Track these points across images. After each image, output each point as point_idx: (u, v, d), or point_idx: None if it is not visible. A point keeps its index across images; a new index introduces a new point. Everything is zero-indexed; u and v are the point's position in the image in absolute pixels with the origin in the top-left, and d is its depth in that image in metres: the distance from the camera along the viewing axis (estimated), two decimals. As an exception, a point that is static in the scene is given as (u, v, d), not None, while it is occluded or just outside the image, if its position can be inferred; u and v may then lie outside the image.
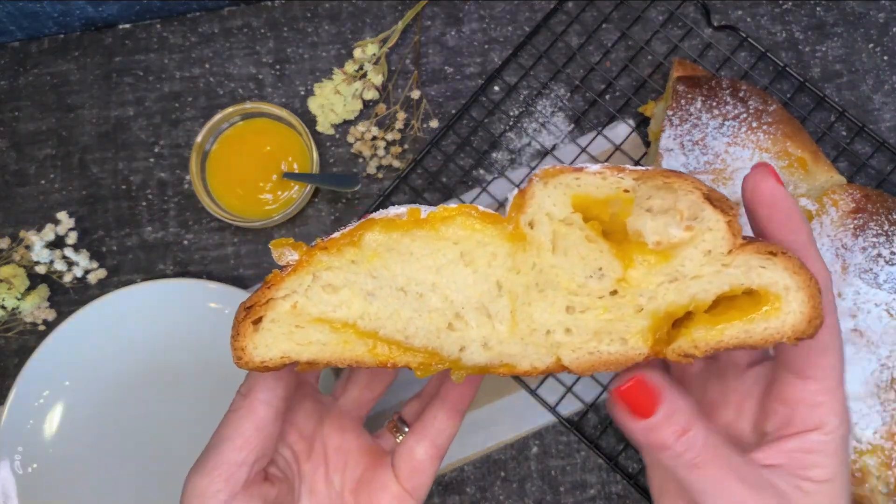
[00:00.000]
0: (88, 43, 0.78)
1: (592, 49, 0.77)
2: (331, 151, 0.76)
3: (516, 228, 0.35)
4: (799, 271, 0.32)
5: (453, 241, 0.36)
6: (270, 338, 0.38)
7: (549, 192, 0.34)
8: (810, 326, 0.32)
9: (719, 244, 0.33)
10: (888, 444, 0.58)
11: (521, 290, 0.36)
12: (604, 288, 0.34)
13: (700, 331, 0.34)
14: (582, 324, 0.35)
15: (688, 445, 0.35)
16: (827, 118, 0.75)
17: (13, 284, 0.69)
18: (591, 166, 0.34)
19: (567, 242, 0.35)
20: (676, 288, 0.34)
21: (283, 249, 0.38)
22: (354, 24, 0.78)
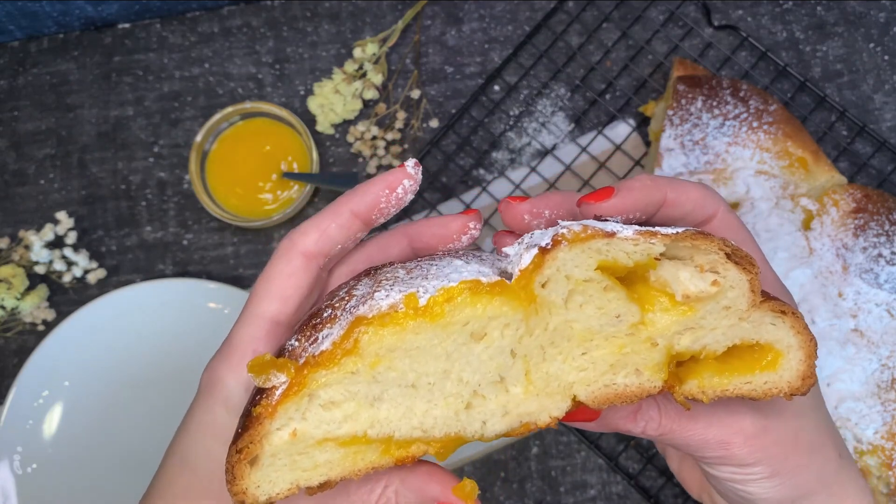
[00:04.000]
0: (88, 42, 0.78)
1: (593, 49, 0.77)
2: (330, 151, 0.76)
3: (528, 291, 0.32)
4: (802, 331, 0.34)
5: (462, 324, 0.32)
6: (273, 473, 0.33)
7: (573, 255, 0.32)
8: (804, 385, 0.34)
9: (739, 301, 0.33)
10: (888, 445, 0.58)
11: (535, 349, 0.34)
12: (620, 331, 0.34)
13: (709, 378, 0.34)
14: (598, 359, 0.34)
15: (646, 420, 0.37)
16: (828, 118, 0.74)
17: (12, 284, 0.69)
18: (623, 229, 0.32)
19: (584, 297, 0.33)
20: (692, 335, 0.34)
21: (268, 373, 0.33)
22: (354, 24, 0.78)
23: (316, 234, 0.38)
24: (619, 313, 0.33)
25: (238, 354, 0.37)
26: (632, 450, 0.69)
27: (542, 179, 0.74)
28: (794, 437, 0.38)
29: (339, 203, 0.38)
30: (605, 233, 0.32)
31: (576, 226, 0.32)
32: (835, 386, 0.60)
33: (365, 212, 0.38)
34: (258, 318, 0.37)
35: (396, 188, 0.38)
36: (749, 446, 0.37)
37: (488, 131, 0.76)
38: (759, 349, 0.34)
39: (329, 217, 0.38)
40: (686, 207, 0.38)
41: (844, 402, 0.59)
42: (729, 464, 0.37)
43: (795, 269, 0.62)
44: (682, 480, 0.45)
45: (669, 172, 0.64)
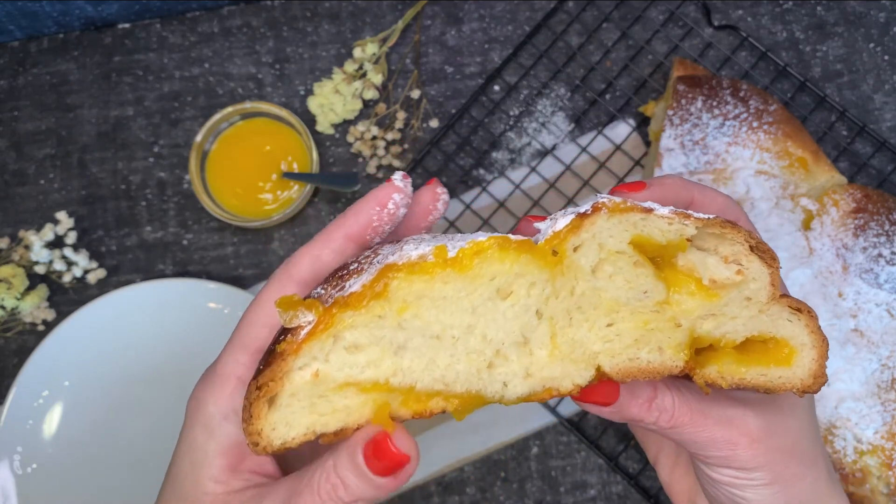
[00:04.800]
0: (88, 42, 0.78)
1: (593, 49, 0.77)
2: (330, 151, 0.76)
3: (560, 252, 0.33)
4: (816, 331, 0.35)
5: (489, 278, 0.33)
6: (290, 414, 0.33)
7: (610, 225, 0.33)
8: (816, 383, 0.35)
9: (761, 293, 0.35)
10: (889, 445, 0.58)
11: (561, 313, 0.34)
12: (646, 307, 0.35)
13: (729, 365, 0.35)
14: (623, 332, 0.35)
15: (660, 411, 0.37)
16: (828, 118, 0.74)
17: (12, 284, 0.69)
18: (660, 208, 0.33)
19: (614, 268, 0.34)
20: (714, 321, 0.35)
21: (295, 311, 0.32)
22: (354, 24, 0.78)
23: (309, 262, 0.38)
24: (647, 289, 0.34)
25: (221, 381, 0.37)
26: (632, 450, 0.69)
27: (542, 179, 0.74)
28: (794, 445, 0.38)
29: (332, 228, 0.39)
30: (643, 208, 0.33)
31: (616, 197, 0.33)
32: (835, 386, 0.60)
33: (358, 233, 0.38)
34: (246, 346, 0.37)
35: (387, 204, 0.38)
36: (753, 449, 0.37)
37: (488, 131, 0.76)
38: (774, 344, 0.35)
39: (322, 243, 0.38)
40: (711, 210, 0.39)
41: (844, 402, 0.59)
42: (731, 466, 0.38)
43: (795, 269, 0.62)
44: (672, 490, 0.45)
45: (669, 172, 0.64)
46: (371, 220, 0.38)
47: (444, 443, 0.69)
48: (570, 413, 0.70)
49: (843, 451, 0.58)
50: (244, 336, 0.37)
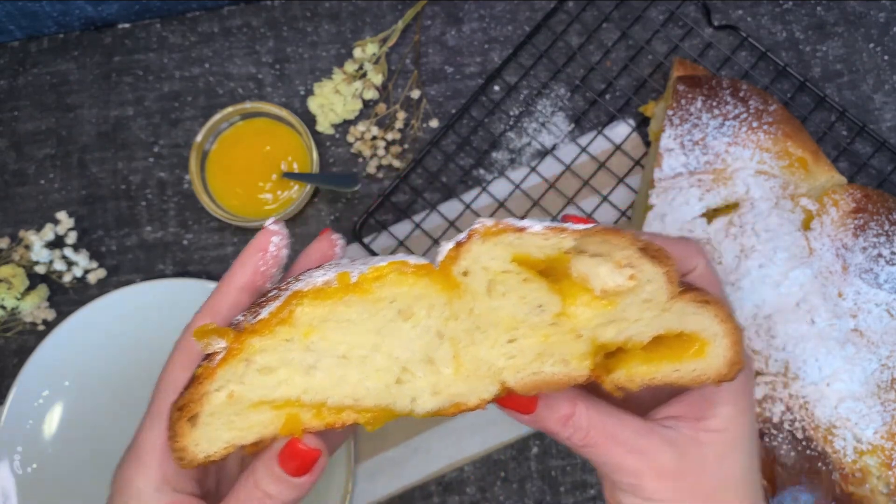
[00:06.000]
0: (88, 42, 0.78)
1: (593, 49, 0.77)
2: (331, 151, 0.76)
3: (449, 278, 0.35)
4: (727, 319, 0.35)
5: (390, 301, 0.35)
6: (211, 431, 0.36)
7: (487, 248, 0.34)
8: (731, 370, 0.36)
9: (659, 294, 0.35)
10: (888, 444, 0.58)
11: (462, 334, 0.36)
12: (544, 321, 0.35)
13: (637, 366, 0.36)
14: (525, 348, 0.35)
15: (574, 428, 0.38)
16: (827, 118, 0.74)
17: (13, 284, 0.69)
18: (534, 225, 0.34)
19: (505, 287, 0.35)
20: (616, 327, 0.35)
21: (209, 338, 0.36)
22: (354, 24, 0.78)
23: (210, 320, 0.40)
24: (541, 303, 0.35)
25: (145, 455, 0.39)
26: (632, 450, 0.69)
27: (541, 179, 0.74)
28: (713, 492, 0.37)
29: (223, 283, 0.41)
30: (516, 227, 0.33)
31: (489, 221, 0.34)
32: (834, 386, 0.60)
33: (249, 283, 0.40)
34: (163, 413, 0.38)
35: (268, 248, 0.41)
36: (659, 483, 0.37)
37: (488, 131, 0.76)
38: (688, 338, 0.36)
39: (218, 299, 0.41)
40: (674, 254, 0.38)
41: (844, 402, 0.59)
42: (637, 496, 0.38)
43: (795, 268, 0.62)
44: None
45: (669, 172, 0.64)
46: (257, 268, 0.40)
47: (444, 443, 0.69)
48: (569, 413, 0.70)
49: (842, 450, 0.58)
50: (160, 406, 0.39)
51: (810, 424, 0.59)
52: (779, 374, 0.60)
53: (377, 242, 0.73)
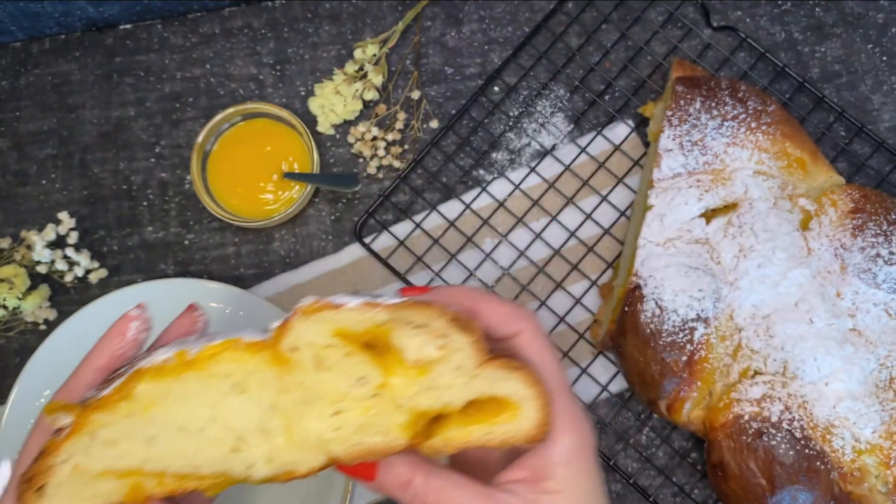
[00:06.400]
0: (89, 43, 0.79)
1: (592, 50, 0.77)
2: (331, 152, 0.76)
3: (279, 354, 0.37)
4: (535, 384, 0.38)
5: (224, 376, 0.37)
6: (58, 500, 0.38)
7: (308, 325, 0.37)
8: (540, 431, 0.38)
9: (467, 361, 0.37)
10: (887, 444, 0.59)
11: (292, 406, 0.38)
12: (366, 393, 0.37)
13: (452, 431, 0.38)
14: (348, 421, 0.38)
15: (414, 494, 0.39)
16: (826, 118, 0.75)
17: (14, 284, 0.69)
18: (351, 301, 0.37)
19: (329, 361, 0.37)
20: (432, 395, 0.38)
21: (57, 414, 0.38)
22: (355, 25, 0.78)
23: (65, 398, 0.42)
24: (363, 376, 0.37)
25: None
26: (630, 449, 0.69)
27: (541, 179, 0.74)
28: None
29: (82, 363, 0.43)
30: (334, 304, 0.36)
31: (311, 299, 0.37)
32: (833, 385, 0.60)
33: (105, 365, 0.43)
34: None
35: (127, 334, 0.44)
36: None
37: (488, 132, 0.76)
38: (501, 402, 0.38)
39: (75, 379, 0.43)
40: (493, 321, 0.41)
41: (843, 402, 0.59)
42: None
43: (794, 269, 0.62)
44: None
45: (668, 173, 0.65)
46: (115, 352, 0.43)
47: (444, 442, 0.69)
48: (569, 412, 0.70)
49: (841, 450, 0.58)
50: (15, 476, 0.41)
51: (809, 424, 0.59)
52: (777, 374, 0.60)
53: (377, 242, 0.73)
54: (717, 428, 0.60)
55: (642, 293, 0.62)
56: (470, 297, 0.41)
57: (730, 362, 0.62)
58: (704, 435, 0.63)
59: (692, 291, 0.61)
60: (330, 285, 0.73)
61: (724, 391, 0.61)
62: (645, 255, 0.63)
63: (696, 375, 0.61)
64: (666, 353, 0.60)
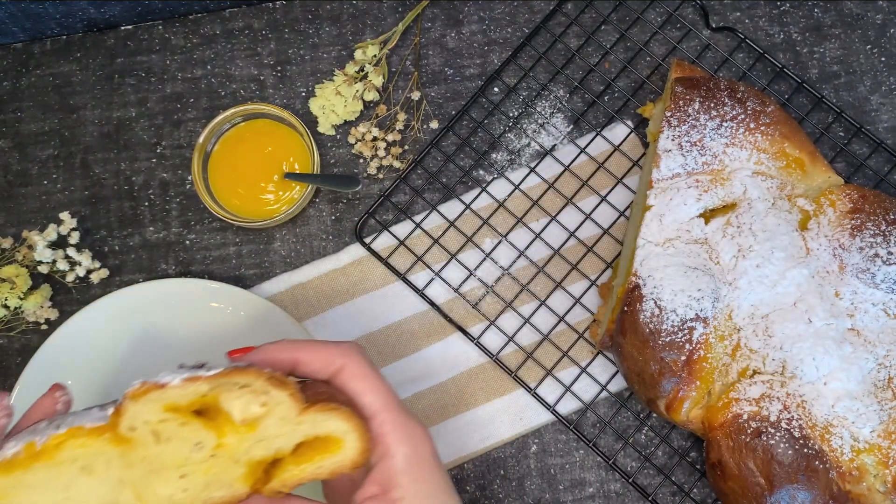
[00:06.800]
0: (91, 44, 0.79)
1: (591, 50, 0.78)
2: (332, 152, 0.76)
3: (119, 435, 0.41)
4: (351, 419, 0.43)
5: (72, 461, 0.40)
6: None
7: (139, 407, 0.41)
8: (362, 458, 0.43)
9: (289, 412, 0.42)
10: (885, 443, 0.59)
11: (140, 477, 0.41)
12: (204, 456, 0.42)
13: (288, 471, 0.43)
14: (194, 481, 0.42)
15: None
16: (825, 119, 0.75)
17: (16, 284, 0.70)
18: (174, 379, 0.41)
19: (167, 433, 0.41)
20: (263, 445, 0.43)
21: None
22: (355, 26, 0.79)
23: None
24: (199, 441, 0.41)
25: None
26: (630, 448, 0.69)
27: (541, 180, 0.75)
28: None
29: None
30: (159, 385, 0.40)
31: (137, 384, 0.41)
32: (832, 385, 0.60)
33: None
34: None
35: None
36: None
37: (488, 132, 0.76)
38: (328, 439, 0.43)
39: None
40: (315, 366, 0.46)
41: (841, 401, 0.59)
42: None
43: (792, 268, 0.62)
44: None
45: (667, 173, 0.65)
46: None
47: (443, 441, 0.70)
48: (568, 411, 0.70)
49: (840, 449, 0.59)
50: None
51: (808, 423, 0.59)
52: (776, 373, 0.61)
53: (378, 242, 0.74)
54: (716, 427, 0.61)
55: (641, 293, 0.62)
56: (288, 350, 0.46)
57: (728, 362, 0.62)
58: (703, 434, 0.63)
59: (691, 291, 0.61)
60: (330, 285, 0.73)
61: (723, 390, 0.61)
62: (644, 255, 0.63)
63: (695, 375, 0.61)
64: (665, 352, 0.61)
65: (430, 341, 0.72)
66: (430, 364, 0.72)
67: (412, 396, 0.71)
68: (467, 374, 0.71)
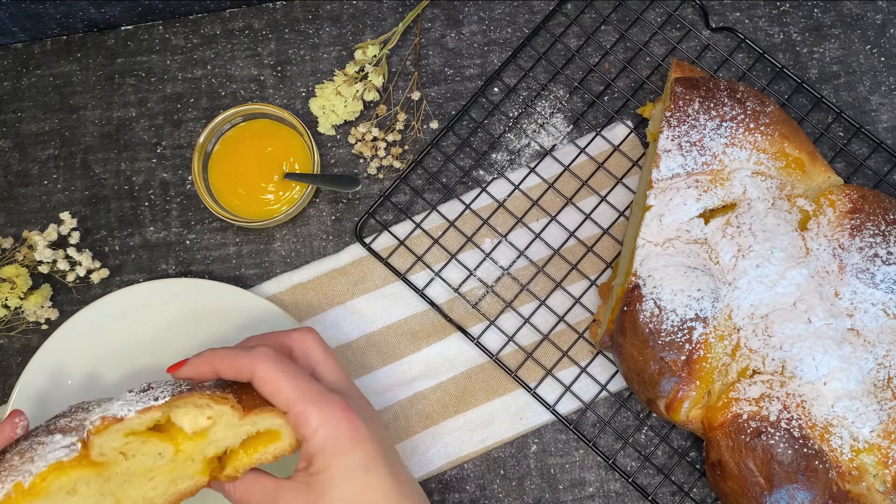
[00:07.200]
0: (91, 44, 0.79)
1: (591, 51, 0.78)
2: (332, 152, 0.76)
3: (92, 462, 0.48)
4: (282, 416, 0.52)
5: (58, 489, 0.47)
6: None
7: (104, 439, 0.49)
8: (298, 443, 0.53)
9: (231, 419, 0.52)
10: (885, 443, 0.59)
11: (116, 487, 0.50)
12: (166, 461, 0.51)
13: (238, 461, 0.53)
14: (161, 482, 0.51)
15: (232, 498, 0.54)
16: (824, 119, 0.75)
17: (16, 284, 0.70)
18: (130, 411, 0.49)
19: (132, 452, 0.50)
20: (214, 446, 0.52)
21: None
22: (355, 26, 0.79)
23: None
24: (160, 452, 0.51)
25: None
26: (629, 448, 0.70)
27: (540, 180, 0.75)
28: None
29: None
30: (117, 419, 0.49)
31: (98, 421, 0.49)
32: (831, 384, 0.60)
33: None
34: None
35: None
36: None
37: (488, 132, 0.76)
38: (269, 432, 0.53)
39: None
40: (231, 375, 0.53)
41: (841, 401, 0.59)
42: None
43: (792, 268, 0.62)
44: None
45: (667, 173, 0.65)
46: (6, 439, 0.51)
47: (443, 441, 0.70)
48: (568, 411, 0.70)
49: (839, 449, 0.59)
50: None
51: (807, 423, 0.59)
52: (776, 373, 0.61)
53: (378, 242, 0.74)
54: (716, 427, 0.61)
55: (641, 293, 0.62)
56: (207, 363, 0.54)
57: (728, 362, 0.62)
58: (703, 434, 0.63)
59: (691, 291, 0.61)
60: (330, 285, 0.73)
61: (723, 390, 0.61)
62: (644, 254, 0.63)
63: (695, 375, 0.61)
64: (665, 352, 0.61)
65: (430, 341, 0.72)
66: (430, 364, 0.72)
67: (412, 396, 0.71)
68: (467, 374, 0.71)
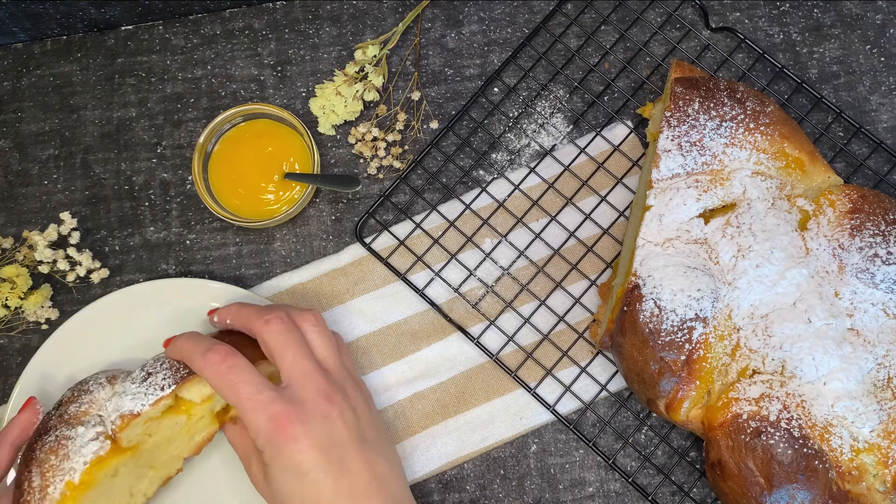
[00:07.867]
0: (91, 44, 0.79)
1: (591, 51, 0.78)
2: (332, 152, 0.76)
3: (124, 449, 0.57)
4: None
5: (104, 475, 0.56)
6: None
7: (127, 432, 0.57)
8: None
9: None
10: (885, 443, 0.59)
11: (150, 456, 0.60)
12: (183, 427, 0.61)
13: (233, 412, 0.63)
14: (183, 436, 0.62)
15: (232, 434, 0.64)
16: (824, 119, 0.75)
17: (16, 284, 0.70)
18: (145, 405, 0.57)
19: (153, 429, 0.59)
20: (219, 403, 0.63)
21: None
22: (355, 26, 0.79)
23: None
24: (177, 422, 0.60)
25: None
26: (629, 448, 0.70)
27: (540, 180, 0.75)
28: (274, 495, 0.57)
29: None
30: (135, 414, 0.57)
31: (118, 420, 0.57)
32: (831, 384, 0.60)
33: (19, 439, 0.59)
34: None
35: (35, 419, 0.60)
36: None
37: (488, 132, 0.76)
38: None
39: None
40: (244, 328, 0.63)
41: (841, 401, 0.59)
42: None
43: (792, 268, 0.62)
44: None
45: (667, 173, 0.65)
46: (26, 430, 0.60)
47: (443, 441, 0.70)
48: (568, 411, 0.70)
49: (839, 449, 0.59)
50: None
51: (807, 423, 0.59)
52: (776, 373, 0.61)
53: (378, 242, 0.74)
54: (716, 427, 0.61)
55: (641, 293, 0.62)
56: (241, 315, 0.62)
57: (728, 361, 0.62)
58: (703, 434, 0.63)
59: (691, 291, 0.61)
60: (330, 285, 0.73)
61: (723, 390, 0.61)
62: (644, 254, 0.63)
63: (695, 375, 0.61)
64: (665, 352, 0.61)
65: (430, 341, 0.72)
66: (430, 364, 0.72)
67: (412, 396, 0.71)
68: (467, 374, 0.71)
